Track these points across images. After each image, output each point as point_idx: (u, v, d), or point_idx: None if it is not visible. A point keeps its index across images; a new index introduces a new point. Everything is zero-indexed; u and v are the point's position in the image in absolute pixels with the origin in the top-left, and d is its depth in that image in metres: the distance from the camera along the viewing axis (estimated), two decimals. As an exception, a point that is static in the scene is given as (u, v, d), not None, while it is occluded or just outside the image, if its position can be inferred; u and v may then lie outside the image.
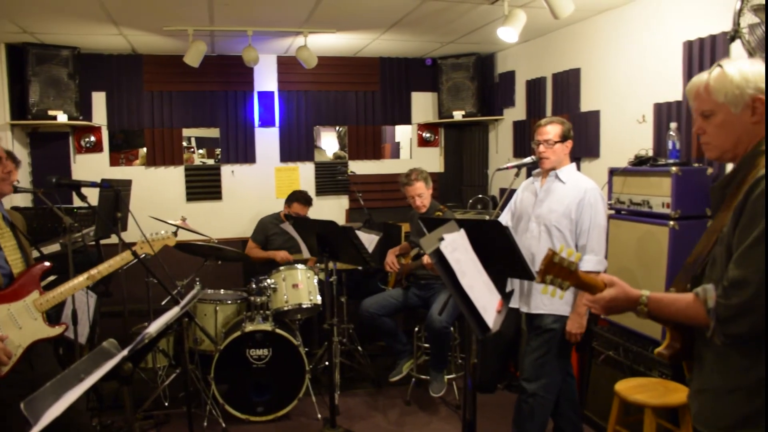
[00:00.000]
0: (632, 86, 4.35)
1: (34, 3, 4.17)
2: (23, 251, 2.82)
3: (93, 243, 4.51)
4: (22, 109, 5.39)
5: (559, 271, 1.81)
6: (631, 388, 3.22)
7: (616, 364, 3.90)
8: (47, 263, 2.82)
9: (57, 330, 2.77)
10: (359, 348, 5.45)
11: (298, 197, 5.48)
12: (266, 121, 6.30)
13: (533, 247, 3.48)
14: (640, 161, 3.89)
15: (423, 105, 6.69)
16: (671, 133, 3.75)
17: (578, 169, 3.62)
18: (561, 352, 3.46)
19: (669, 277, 3.56)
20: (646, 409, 3.08)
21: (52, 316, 2.80)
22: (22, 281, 2.69)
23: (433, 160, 6.72)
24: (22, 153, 5.49)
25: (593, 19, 4.71)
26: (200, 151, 6.70)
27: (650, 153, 3.97)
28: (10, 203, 4.89)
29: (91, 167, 5.81)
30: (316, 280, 4.88)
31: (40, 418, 1.76)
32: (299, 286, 4.76)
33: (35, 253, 3.06)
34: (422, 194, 4.71)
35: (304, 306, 4.73)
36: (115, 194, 4.40)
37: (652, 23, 4.12)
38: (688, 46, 3.78)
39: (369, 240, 4.81)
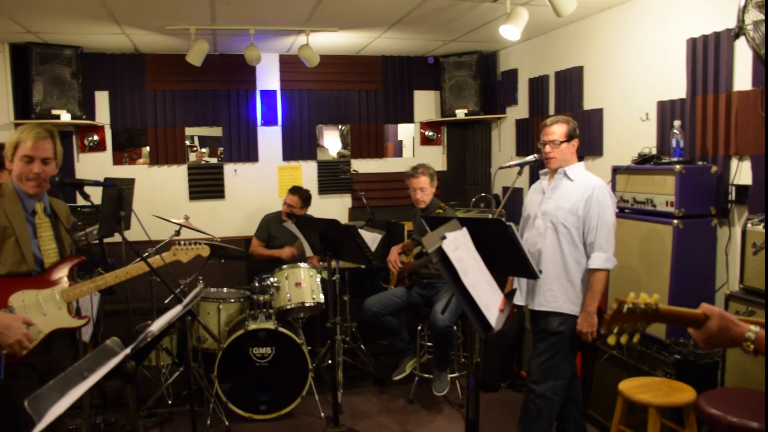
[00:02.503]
0: (635, 84, 4.33)
1: (38, 3, 4.17)
2: (60, 242, 2.90)
3: (96, 242, 4.51)
4: (26, 108, 5.40)
5: (631, 318, 1.61)
6: (634, 388, 3.21)
7: (620, 363, 3.89)
8: (82, 257, 2.93)
9: (79, 322, 2.86)
10: (362, 346, 5.45)
11: (291, 190, 5.47)
12: (269, 120, 6.30)
13: (539, 244, 3.47)
14: (643, 159, 3.88)
15: (425, 103, 6.69)
16: (675, 131, 3.74)
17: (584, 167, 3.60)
18: (568, 354, 3.45)
19: (672, 277, 3.56)
20: (650, 409, 3.07)
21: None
22: (54, 271, 2.80)
23: (435, 158, 6.71)
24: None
25: (596, 16, 4.70)
26: (203, 150, 6.70)
27: (654, 151, 3.97)
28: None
29: (94, 166, 5.82)
30: (319, 279, 4.88)
31: (44, 416, 1.77)
32: (302, 284, 4.76)
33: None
34: (424, 189, 4.70)
35: (307, 304, 4.73)
36: (119, 193, 4.41)
37: (656, 20, 4.11)
38: (692, 43, 3.77)
39: (372, 238, 4.81)
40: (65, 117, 5.42)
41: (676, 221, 3.53)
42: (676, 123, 3.76)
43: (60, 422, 1.83)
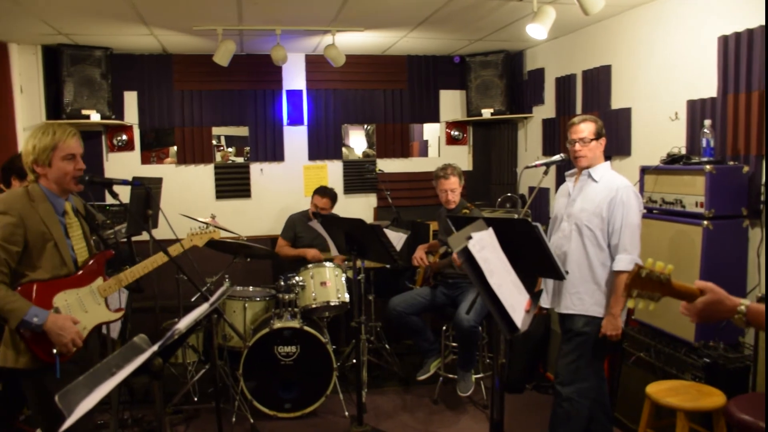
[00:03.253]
0: (665, 83, 4.27)
1: (69, 5, 4.24)
2: (86, 239, 2.96)
3: (125, 240, 4.57)
4: (57, 108, 5.50)
5: (648, 284, 1.78)
6: (663, 391, 3.17)
7: (648, 366, 3.83)
8: (111, 251, 3.00)
9: (117, 315, 2.95)
10: (387, 346, 5.45)
11: (317, 191, 5.48)
12: (295, 120, 6.33)
13: (564, 246, 3.44)
14: (672, 159, 3.82)
15: (451, 103, 6.66)
16: (705, 130, 3.67)
17: (610, 167, 3.56)
18: (595, 356, 3.41)
19: (702, 279, 3.47)
20: (679, 413, 3.03)
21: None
22: (89, 268, 2.85)
23: (461, 158, 6.68)
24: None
25: (624, 14, 4.64)
26: (229, 149, 6.76)
27: (683, 151, 3.90)
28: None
29: (122, 165, 5.90)
30: (344, 278, 4.89)
31: (74, 410, 1.80)
32: (327, 283, 4.78)
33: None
34: (455, 190, 4.70)
35: (332, 304, 4.74)
36: (147, 192, 4.46)
37: (686, 18, 4.04)
38: (724, 41, 3.70)
39: (397, 238, 4.81)
40: (95, 117, 5.50)
41: (706, 222, 3.48)
42: (707, 122, 3.69)
43: (88, 417, 1.86)
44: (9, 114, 5.21)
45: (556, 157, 3.67)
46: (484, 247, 2.19)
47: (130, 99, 5.96)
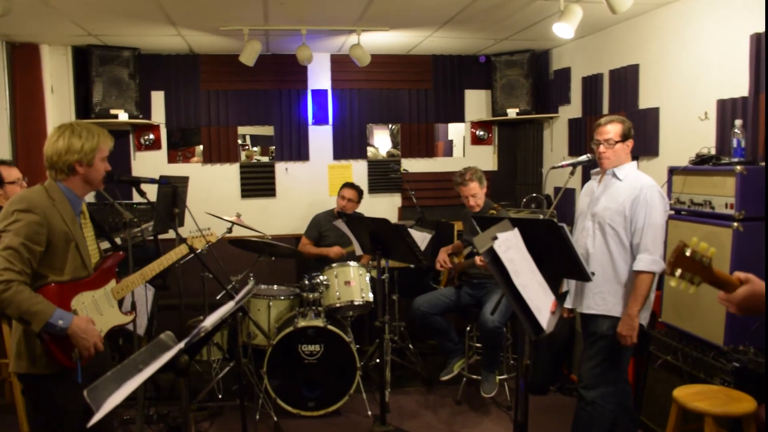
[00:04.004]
0: (694, 82, 4.20)
1: (99, 6, 4.30)
2: (96, 241, 2.93)
3: (151, 238, 4.62)
4: (86, 108, 5.60)
5: (691, 265, 1.70)
6: (690, 395, 3.11)
7: (675, 369, 3.78)
8: (121, 252, 2.94)
9: (129, 318, 2.90)
10: (410, 346, 5.44)
11: (345, 184, 5.53)
12: (320, 119, 6.35)
13: (587, 245, 3.41)
14: (701, 160, 3.76)
15: (476, 103, 6.63)
16: (736, 130, 3.61)
17: (637, 167, 3.51)
18: (619, 359, 3.37)
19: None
20: (707, 418, 2.98)
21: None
22: (102, 270, 2.79)
23: (486, 158, 6.65)
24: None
25: (653, 12, 4.58)
26: (254, 148, 6.80)
27: (712, 151, 3.83)
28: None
29: (149, 164, 5.98)
30: (368, 278, 4.90)
31: (102, 405, 1.82)
32: (351, 283, 4.79)
33: (104, 245, 3.15)
34: (476, 194, 4.64)
35: (356, 303, 4.75)
36: (173, 191, 4.51)
37: (717, 15, 3.97)
38: (756, 39, 3.63)
39: (421, 238, 4.80)
40: (123, 116, 5.58)
41: (736, 224, 3.41)
42: (738, 122, 3.63)
43: (113, 412, 1.86)
44: (40, 114, 5.31)
45: (583, 158, 3.63)
46: (510, 247, 2.18)
47: (158, 99, 6.03)
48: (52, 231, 2.53)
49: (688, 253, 1.68)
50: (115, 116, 5.56)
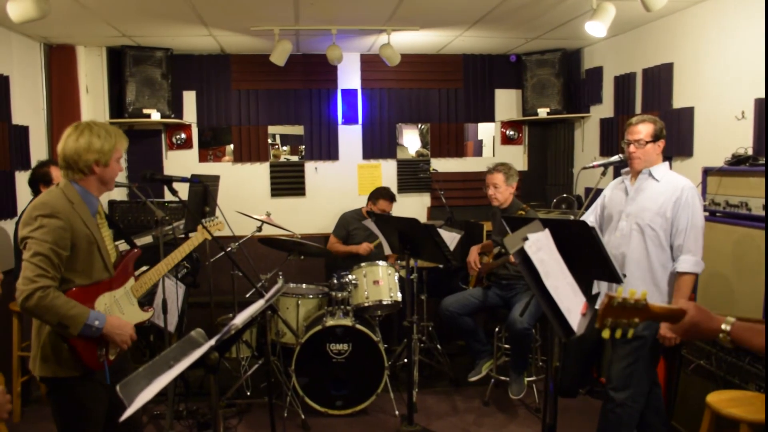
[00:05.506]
0: (730, 81, 4.12)
1: (133, 8, 4.37)
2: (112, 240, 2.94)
3: (183, 236, 4.68)
4: (120, 108, 5.69)
5: (622, 312, 1.72)
6: (724, 401, 3.05)
7: (708, 374, 3.71)
8: (137, 249, 2.92)
9: (148, 314, 2.91)
10: (438, 346, 5.43)
11: (384, 194, 5.48)
12: (349, 119, 6.36)
13: (623, 247, 3.36)
14: (738, 160, 3.68)
15: (507, 102, 6.59)
16: (774, 130, 3.53)
17: (670, 168, 3.46)
18: (650, 361, 3.33)
19: (768, 284, 3.36)
20: (742, 425, 2.91)
21: (143, 303, 2.93)
22: (121, 269, 2.79)
23: (516, 158, 6.60)
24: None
25: (688, 10, 4.50)
26: (284, 148, 6.84)
27: (749, 152, 3.76)
28: (107, 197, 5.16)
29: (181, 163, 6.05)
30: (396, 277, 4.89)
31: (134, 401, 1.84)
32: (380, 282, 4.79)
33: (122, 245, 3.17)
34: (498, 186, 4.63)
35: (385, 303, 4.75)
36: (204, 189, 4.56)
37: (754, 12, 3.88)
38: (794, 37, 3.55)
39: (451, 238, 4.79)
40: (155, 116, 5.66)
41: (773, 226, 3.34)
42: (776, 122, 3.55)
43: (142, 407, 1.87)
44: (75, 113, 5.41)
45: (615, 158, 3.58)
46: (541, 248, 2.16)
47: (189, 98, 6.10)
48: (75, 235, 2.52)
49: (615, 304, 1.71)
50: (148, 116, 5.64)
